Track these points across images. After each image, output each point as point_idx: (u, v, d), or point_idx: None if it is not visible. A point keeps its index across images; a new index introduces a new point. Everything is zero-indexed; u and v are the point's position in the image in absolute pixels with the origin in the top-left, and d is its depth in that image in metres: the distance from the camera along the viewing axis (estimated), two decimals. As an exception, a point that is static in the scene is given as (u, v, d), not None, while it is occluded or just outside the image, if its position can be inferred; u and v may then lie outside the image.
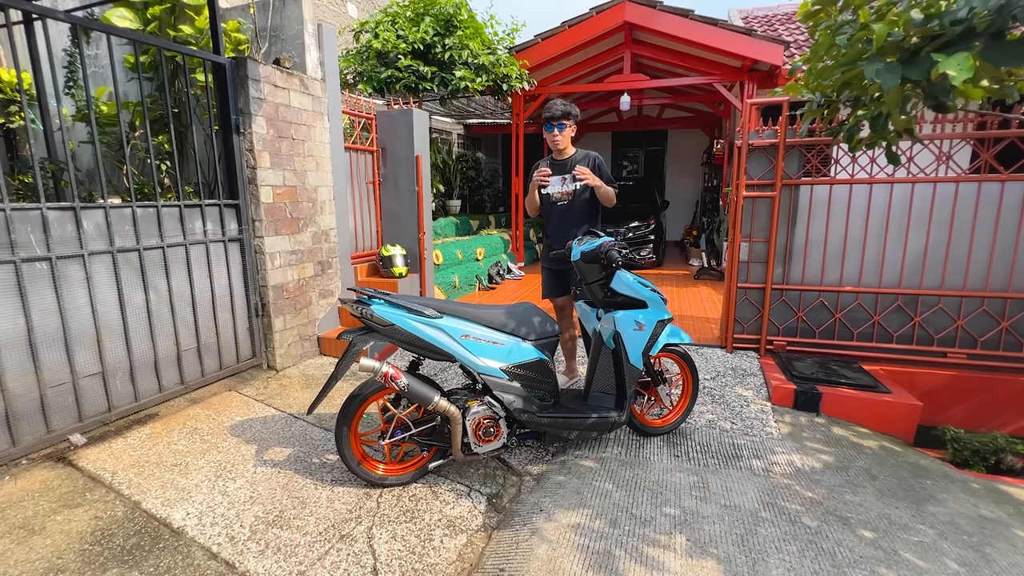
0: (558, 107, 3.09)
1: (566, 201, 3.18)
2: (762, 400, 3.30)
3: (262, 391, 3.35)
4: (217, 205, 3.31)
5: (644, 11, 6.37)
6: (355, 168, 4.72)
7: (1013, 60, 1.46)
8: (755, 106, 3.77)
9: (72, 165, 2.72)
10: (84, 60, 2.72)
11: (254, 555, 1.91)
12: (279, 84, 3.52)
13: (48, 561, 1.84)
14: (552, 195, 3.22)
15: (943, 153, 3.41)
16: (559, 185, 3.18)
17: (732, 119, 7.69)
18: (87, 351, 2.69)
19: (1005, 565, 1.97)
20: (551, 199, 3.23)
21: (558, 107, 3.09)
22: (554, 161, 3.23)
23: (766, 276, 3.83)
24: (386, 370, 2.14)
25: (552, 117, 3.10)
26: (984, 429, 3.35)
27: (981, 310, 3.51)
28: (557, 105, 3.10)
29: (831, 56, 2.01)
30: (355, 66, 6.17)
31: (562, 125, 3.09)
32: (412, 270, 5.02)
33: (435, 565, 1.90)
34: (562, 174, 3.17)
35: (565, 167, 3.17)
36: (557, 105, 3.10)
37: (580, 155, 3.20)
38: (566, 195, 3.17)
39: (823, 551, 1.97)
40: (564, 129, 3.11)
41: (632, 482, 2.43)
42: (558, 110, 3.08)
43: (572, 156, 3.20)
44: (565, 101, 3.15)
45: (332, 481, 2.39)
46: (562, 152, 3.20)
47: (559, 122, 3.09)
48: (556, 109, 3.09)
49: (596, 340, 2.66)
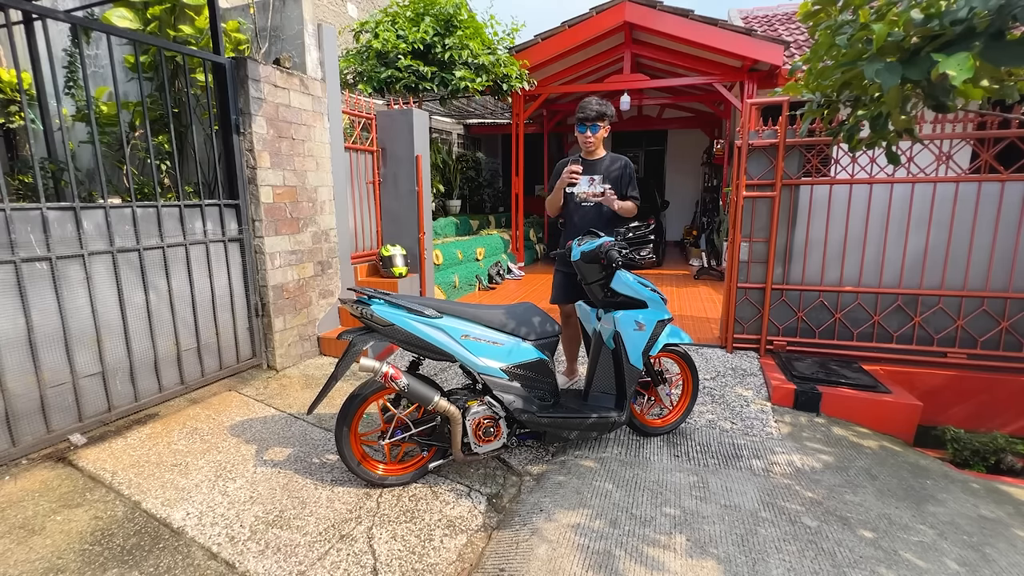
0: (593, 107, 2.97)
1: (591, 203, 3.07)
2: (762, 400, 3.30)
3: (262, 391, 3.35)
4: (217, 205, 3.31)
5: (644, 11, 6.37)
6: (355, 168, 4.72)
7: (1013, 60, 1.46)
8: (755, 106, 3.77)
9: (72, 165, 2.72)
10: (84, 60, 2.72)
11: (254, 555, 1.91)
12: (279, 84, 3.52)
13: (48, 561, 1.84)
14: (577, 195, 3.09)
15: (943, 153, 3.41)
16: (586, 185, 3.05)
17: (732, 119, 7.69)
18: (87, 351, 2.69)
19: (1005, 565, 1.97)
20: (575, 199, 3.11)
21: (593, 107, 2.97)
22: (583, 160, 3.11)
23: (766, 276, 3.83)
24: (386, 370, 2.14)
25: (586, 118, 2.98)
26: (984, 429, 3.35)
27: (981, 310, 3.51)
28: (592, 105, 2.98)
29: (831, 56, 2.01)
30: (355, 66, 6.17)
31: (596, 126, 2.99)
32: (412, 270, 5.02)
33: (435, 565, 1.90)
34: (590, 175, 3.05)
35: (595, 168, 3.07)
36: (592, 105, 2.98)
37: (611, 159, 3.10)
38: (592, 196, 3.06)
39: (823, 551, 1.97)
40: (598, 131, 3.01)
41: (632, 482, 2.43)
42: (593, 111, 2.96)
43: (603, 159, 3.10)
44: (600, 100, 3.02)
45: (332, 481, 2.39)
46: (592, 153, 3.12)
47: (593, 123, 2.98)
48: (591, 109, 2.97)
49: (596, 340, 2.66)
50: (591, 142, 3.04)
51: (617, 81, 7.35)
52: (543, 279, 7.35)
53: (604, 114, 2.98)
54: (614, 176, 3.07)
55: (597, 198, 3.03)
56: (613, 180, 3.06)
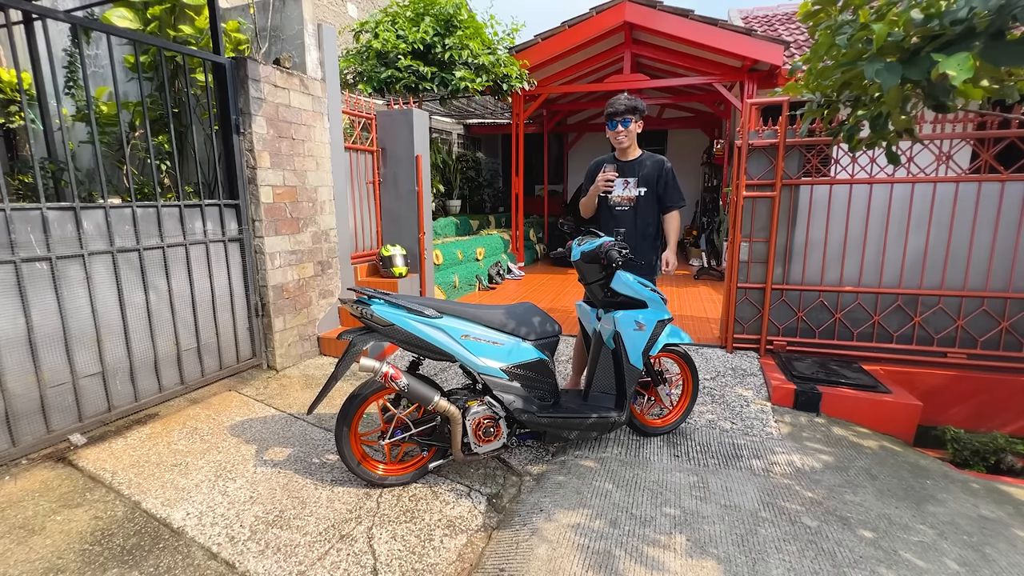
0: (622, 101, 2.77)
1: (627, 207, 2.88)
2: (762, 400, 3.30)
3: (262, 391, 3.34)
4: (217, 205, 3.31)
5: (644, 11, 6.36)
6: (355, 168, 4.72)
7: (1013, 60, 1.46)
8: (755, 106, 3.77)
9: (72, 165, 2.72)
10: (84, 60, 2.72)
11: (254, 555, 1.91)
12: (279, 84, 3.52)
13: (48, 561, 1.84)
14: (611, 199, 2.91)
15: (943, 153, 3.41)
16: (620, 189, 2.87)
17: (732, 119, 7.69)
18: (87, 351, 2.69)
19: (1005, 565, 1.97)
20: (608, 203, 2.93)
21: (622, 101, 2.77)
22: (617, 162, 2.93)
23: (766, 276, 3.83)
24: (386, 370, 2.14)
25: (615, 113, 2.78)
26: (984, 429, 3.35)
27: (981, 310, 3.51)
28: (621, 99, 2.79)
29: (831, 56, 2.01)
30: (355, 66, 6.17)
31: (627, 121, 2.77)
32: (412, 270, 5.02)
33: (435, 565, 1.90)
34: (625, 177, 2.87)
35: (629, 170, 2.88)
36: (621, 99, 2.79)
37: (647, 158, 2.89)
38: (627, 200, 2.87)
39: (823, 551, 1.97)
40: (629, 125, 2.79)
41: (632, 482, 2.43)
42: (622, 105, 2.76)
43: (639, 158, 2.89)
44: (631, 95, 2.83)
45: (332, 481, 2.39)
46: (626, 152, 2.90)
47: (623, 117, 2.77)
48: (620, 104, 2.77)
49: (596, 340, 2.66)
50: (623, 139, 2.83)
51: (617, 81, 7.35)
52: (543, 279, 7.35)
53: (635, 108, 2.78)
54: (650, 177, 2.87)
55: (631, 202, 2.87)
56: (648, 182, 2.87)
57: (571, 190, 11.44)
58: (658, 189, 2.88)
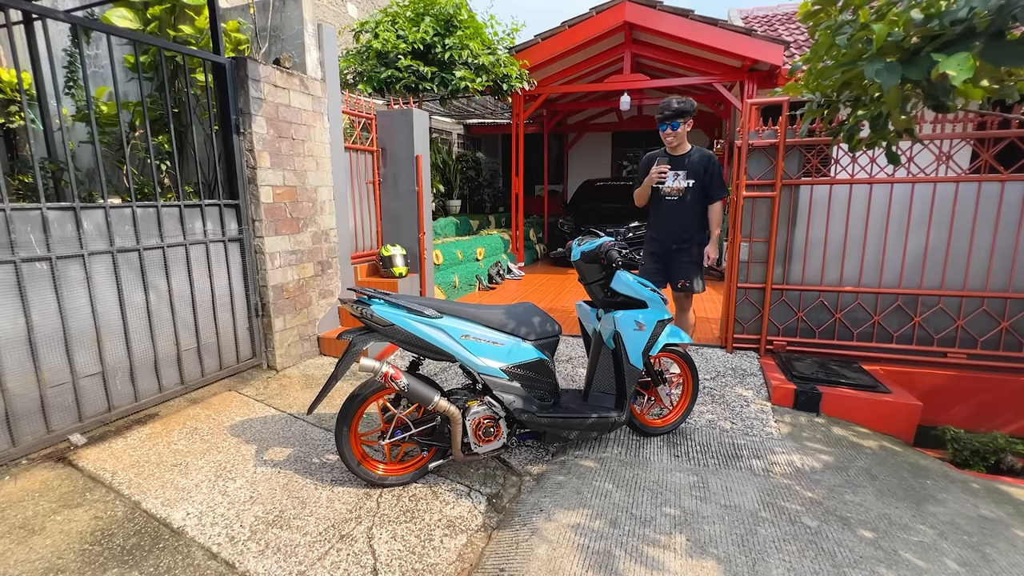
0: (672, 106, 3.10)
1: (676, 197, 3.26)
2: (762, 400, 3.30)
3: (262, 391, 3.34)
4: (217, 205, 3.31)
5: (644, 11, 6.36)
6: (355, 168, 4.72)
7: (1013, 60, 1.46)
8: (755, 106, 3.77)
9: (72, 165, 2.72)
10: (84, 60, 2.72)
11: (254, 555, 1.91)
12: (279, 84, 3.52)
13: (48, 561, 1.84)
14: (663, 190, 3.28)
15: (943, 153, 3.41)
16: (671, 180, 3.24)
17: (732, 119, 7.69)
18: (87, 351, 2.69)
19: (1005, 565, 1.97)
20: (660, 193, 3.30)
21: (672, 106, 3.10)
22: (668, 156, 3.29)
23: (766, 276, 3.83)
24: (386, 370, 2.14)
25: (664, 118, 3.13)
26: (984, 429, 3.35)
27: (981, 310, 3.51)
28: (671, 104, 3.11)
29: (831, 56, 2.01)
30: (355, 66, 6.17)
31: (676, 123, 3.13)
32: (412, 270, 5.02)
33: (435, 565, 1.90)
34: (675, 170, 3.22)
35: (680, 163, 3.24)
36: (671, 104, 3.11)
37: (696, 153, 3.25)
38: (677, 191, 3.25)
39: (823, 551, 1.97)
40: (678, 128, 3.15)
41: (632, 482, 2.43)
42: (670, 110, 3.10)
43: (687, 154, 3.25)
44: (680, 98, 3.16)
45: (332, 481, 2.39)
46: (676, 149, 3.27)
47: (672, 120, 3.12)
48: (668, 109, 3.10)
49: (596, 340, 2.66)
50: (671, 139, 3.21)
51: (617, 81, 7.35)
52: (543, 279, 7.35)
53: (683, 111, 3.10)
54: (697, 170, 3.24)
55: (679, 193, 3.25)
56: (696, 174, 3.24)
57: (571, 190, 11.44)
58: (704, 180, 3.26)
